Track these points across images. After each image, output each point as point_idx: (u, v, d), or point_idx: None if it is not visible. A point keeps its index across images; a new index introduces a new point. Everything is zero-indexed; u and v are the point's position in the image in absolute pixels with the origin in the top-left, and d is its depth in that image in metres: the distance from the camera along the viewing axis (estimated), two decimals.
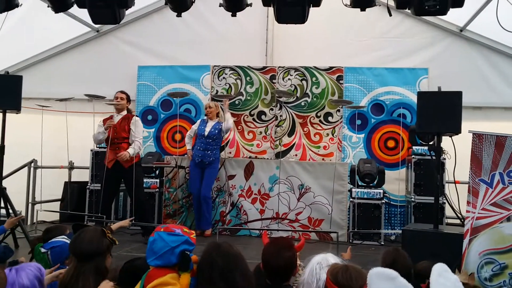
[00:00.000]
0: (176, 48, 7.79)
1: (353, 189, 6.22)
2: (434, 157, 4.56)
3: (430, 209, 5.57)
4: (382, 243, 6.01)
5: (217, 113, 6.47)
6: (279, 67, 7.45)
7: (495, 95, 7.06)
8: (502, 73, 7.09)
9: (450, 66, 7.10)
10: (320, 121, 7.28)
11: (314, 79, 7.33)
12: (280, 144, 7.30)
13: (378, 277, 1.85)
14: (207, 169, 6.23)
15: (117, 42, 8.01)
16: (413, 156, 6.29)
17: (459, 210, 4.84)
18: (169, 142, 7.66)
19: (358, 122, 7.16)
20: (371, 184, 6.32)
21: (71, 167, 7.57)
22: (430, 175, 5.99)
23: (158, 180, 6.73)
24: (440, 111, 4.28)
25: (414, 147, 6.40)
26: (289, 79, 7.40)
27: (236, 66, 7.54)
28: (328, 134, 7.25)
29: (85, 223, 5.94)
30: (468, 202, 3.59)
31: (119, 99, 5.90)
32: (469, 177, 3.62)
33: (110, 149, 5.81)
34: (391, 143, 7.12)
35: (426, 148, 6.12)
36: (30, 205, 7.02)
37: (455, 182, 5.14)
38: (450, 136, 4.47)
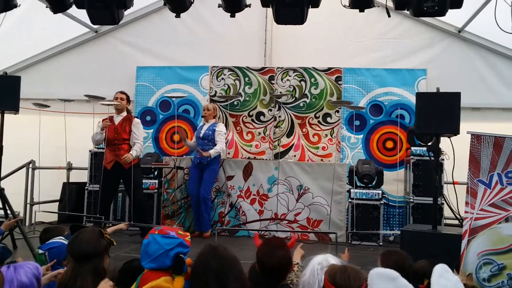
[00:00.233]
0: (175, 49, 7.79)
1: (352, 190, 6.22)
2: (432, 158, 4.56)
3: (429, 209, 5.57)
4: (381, 243, 6.02)
5: (214, 116, 6.46)
6: (278, 68, 7.46)
7: (493, 96, 7.07)
8: (500, 74, 7.10)
9: (448, 67, 7.11)
10: (318, 122, 7.29)
11: (312, 80, 7.34)
12: (278, 145, 7.30)
13: (379, 277, 1.86)
14: (206, 170, 6.22)
15: (116, 43, 8.00)
16: (411, 157, 6.29)
17: (458, 211, 4.84)
18: (168, 143, 7.65)
19: (357, 123, 7.16)
20: (370, 185, 6.32)
21: (70, 168, 7.55)
22: (428, 176, 5.99)
23: (156, 181, 6.73)
24: (439, 112, 4.29)
25: (412, 148, 6.40)
26: (287, 80, 7.40)
27: (234, 67, 7.54)
28: (326, 135, 7.25)
29: (83, 224, 5.92)
30: (466, 203, 3.60)
31: (119, 100, 5.88)
32: (467, 178, 3.63)
33: (109, 150, 5.80)
34: (389, 144, 7.13)
35: (424, 149, 6.13)
36: (28, 206, 7.01)
37: (453, 183, 5.14)
38: (449, 137, 4.48)
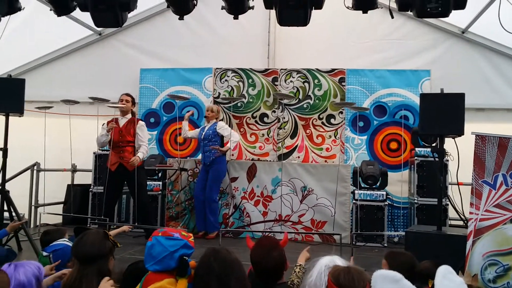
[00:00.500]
0: (178, 51, 7.82)
1: (356, 191, 6.21)
2: (437, 159, 4.55)
3: (433, 210, 5.55)
4: (385, 245, 6.00)
5: (216, 118, 6.46)
6: (281, 69, 7.46)
7: (497, 97, 7.05)
8: (505, 75, 7.08)
9: (452, 68, 7.10)
10: (322, 123, 7.29)
11: (316, 81, 7.33)
12: (282, 146, 7.30)
13: (383, 279, 1.85)
14: (211, 170, 6.24)
15: (120, 45, 8.04)
16: (415, 157, 6.28)
17: (462, 212, 4.83)
18: (172, 144, 7.67)
19: (361, 124, 7.15)
20: (374, 186, 6.31)
21: (74, 170, 7.58)
22: (433, 176, 5.98)
23: (160, 183, 6.75)
24: (443, 113, 4.29)
25: (416, 149, 6.39)
26: (291, 81, 7.40)
27: (238, 69, 7.55)
28: (330, 136, 7.25)
29: (88, 226, 5.94)
30: (471, 204, 3.59)
31: (124, 102, 5.88)
32: (472, 179, 3.62)
33: (113, 152, 5.80)
34: (393, 145, 7.12)
35: (429, 149, 6.12)
36: (33, 208, 7.05)
37: (458, 184, 5.14)
38: (453, 138, 4.47)
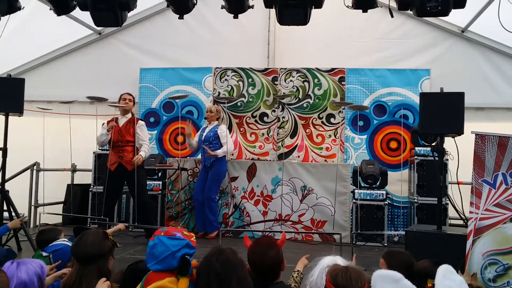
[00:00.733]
0: (178, 50, 7.81)
1: (356, 191, 6.21)
2: (437, 158, 4.55)
3: (433, 210, 5.55)
4: (385, 244, 6.00)
5: (217, 118, 6.46)
6: (281, 68, 7.45)
7: (497, 96, 7.05)
8: (504, 74, 7.08)
9: (452, 67, 7.10)
10: (322, 122, 7.28)
11: (316, 80, 7.33)
12: (282, 145, 7.30)
13: (382, 279, 1.85)
14: (210, 171, 6.24)
15: (119, 45, 8.03)
16: (415, 157, 6.28)
17: (462, 211, 4.83)
18: (172, 144, 7.66)
19: (360, 123, 7.15)
20: (374, 185, 6.30)
21: (74, 169, 7.58)
22: (432, 176, 5.98)
23: (160, 182, 6.74)
24: (443, 112, 4.29)
25: (416, 148, 6.38)
26: (291, 80, 7.40)
27: (238, 68, 7.55)
28: (330, 136, 7.24)
29: (88, 225, 5.93)
30: (471, 203, 3.60)
31: (127, 101, 5.86)
32: (472, 178, 3.62)
33: (113, 151, 5.79)
34: (393, 144, 7.11)
35: (428, 149, 6.11)
36: (32, 207, 7.04)
37: (458, 183, 5.14)
38: (453, 137, 4.47)
